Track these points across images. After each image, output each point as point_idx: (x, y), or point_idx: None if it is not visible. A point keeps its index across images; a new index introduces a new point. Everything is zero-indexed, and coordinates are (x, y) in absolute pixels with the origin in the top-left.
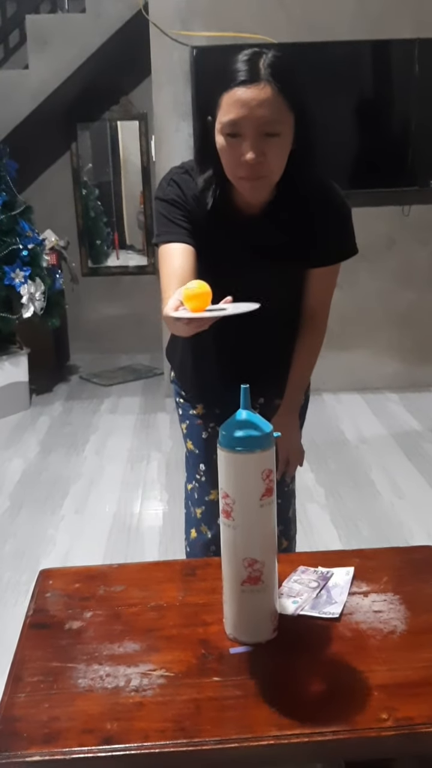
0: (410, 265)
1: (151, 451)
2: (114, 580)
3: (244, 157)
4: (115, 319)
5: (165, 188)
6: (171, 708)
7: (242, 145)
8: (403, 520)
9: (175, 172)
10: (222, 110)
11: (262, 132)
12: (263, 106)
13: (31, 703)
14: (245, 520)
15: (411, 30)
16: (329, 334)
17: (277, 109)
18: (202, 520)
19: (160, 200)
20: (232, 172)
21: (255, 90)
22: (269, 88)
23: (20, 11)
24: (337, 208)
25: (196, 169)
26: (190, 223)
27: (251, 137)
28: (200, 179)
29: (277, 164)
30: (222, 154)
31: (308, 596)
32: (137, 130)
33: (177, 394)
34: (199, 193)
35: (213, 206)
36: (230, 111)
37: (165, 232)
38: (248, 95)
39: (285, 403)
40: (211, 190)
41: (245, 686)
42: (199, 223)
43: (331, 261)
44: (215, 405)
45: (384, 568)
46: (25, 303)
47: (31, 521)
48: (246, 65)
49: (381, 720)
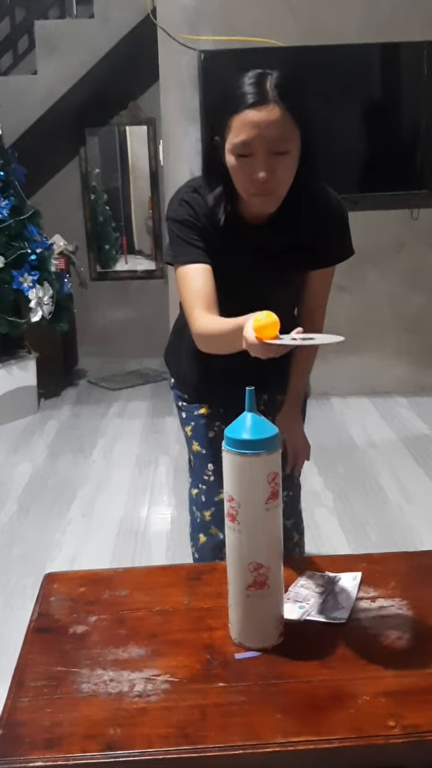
0: (419, 269)
1: (159, 456)
2: (119, 585)
3: (255, 176)
4: (124, 324)
5: (177, 209)
6: (175, 714)
7: (254, 164)
8: (412, 524)
9: (185, 192)
10: (232, 132)
11: (272, 151)
12: (273, 127)
13: (33, 708)
14: (251, 524)
15: (420, 33)
16: None
17: (285, 128)
18: (211, 522)
19: (173, 221)
20: (243, 189)
21: (264, 111)
22: (278, 109)
23: (29, 17)
24: (336, 212)
25: (205, 186)
26: (203, 240)
27: (262, 157)
28: (210, 196)
29: (286, 180)
30: (234, 173)
31: (315, 601)
32: (146, 135)
33: (178, 398)
34: (209, 210)
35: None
36: (241, 132)
37: (182, 252)
38: (258, 117)
39: (288, 399)
40: (221, 207)
41: (250, 692)
42: (211, 237)
43: (332, 263)
44: (220, 405)
45: (392, 573)
46: (33, 307)
47: (38, 525)
48: (254, 87)
49: (388, 727)
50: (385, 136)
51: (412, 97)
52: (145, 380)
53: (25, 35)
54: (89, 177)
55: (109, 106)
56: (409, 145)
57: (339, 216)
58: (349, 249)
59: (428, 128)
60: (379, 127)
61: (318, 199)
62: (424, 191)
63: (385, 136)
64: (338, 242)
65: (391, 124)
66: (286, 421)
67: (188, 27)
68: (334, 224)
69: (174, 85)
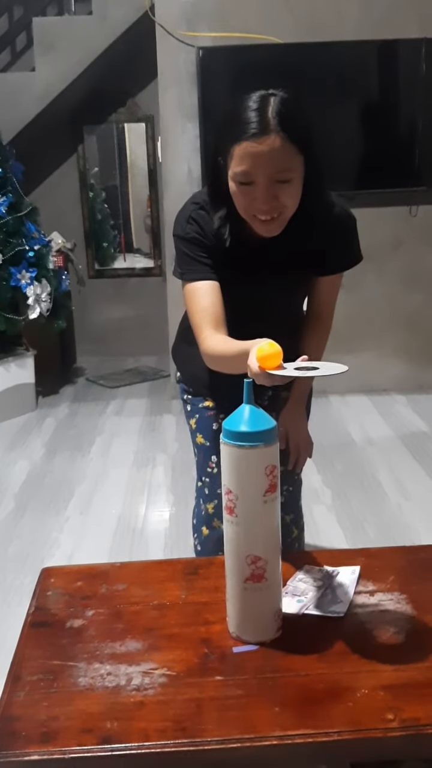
0: (417, 267)
1: (157, 454)
2: (116, 579)
3: (257, 204)
4: (121, 322)
5: (184, 226)
6: (172, 707)
7: (255, 192)
8: (409, 521)
9: (192, 210)
10: (234, 161)
11: (273, 180)
12: (274, 158)
13: (29, 702)
14: (248, 517)
15: (417, 30)
16: (336, 336)
17: (287, 157)
18: (214, 515)
19: (181, 238)
20: (245, 213)
21: (265, 143)
22: (279, 139)
23: (27, 14)
24: (344, 223)
25: (210, 207)
26: (211, 257)
27: (263, 186)
28: (215, 217)
29: (290, 205)
30: (235, 199)
31: (313, 595)
32: (144, 132)
33: (184, 391)
34: (215, 231)
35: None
36: (242, 163)
37: (190, 270)
38: (259, 149)
39: (293, 397)
40: (227, 228)
41: (248, 686)
42: (219, 253)
43: (340, 270)
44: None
45: (390, 567)
46: (31, 304)
47: (35, 523)
48: (255, 115)
49: (387, 720)
50: (383, 134)
51: (409, 94)
52: (142, 378)
53: (23, 32)
54: (87, 174)
55: (107, 103)
56: (406, 142)
57: (347, 226)
58: (358, 256)
59: (426, 125)
60: (377, 125)
61: (326, 214)
62: (422, 188)
63: (383, 134)
64: (346, 251)
65: (388, 121)
66: (290, 418)
67: (186, 24)
68: (342, 235)
69: (172, 82)
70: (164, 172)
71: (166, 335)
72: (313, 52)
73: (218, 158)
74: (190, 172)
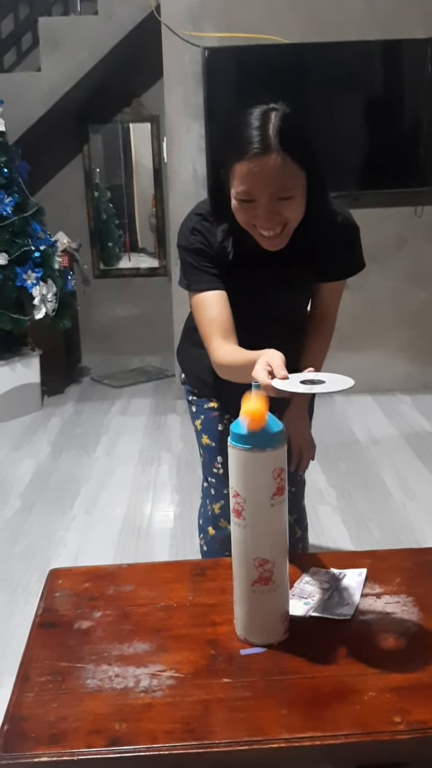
0: (422, 265)
1: (162, 453)
2: (123, 580)
3: (259, 220)
4: (126, 321)
5: (189, 237)
6: (180, 709)
7: (256, 210)
8: (414, 521)
9: (196, 221)
10: (235, 179)
11: (275, 197)
12: (275, 176)
13: (38, 703)
14: (256, 520)
15: (423, 30)
16: (340, 335)
17: (289, 175)
18: (221, 515)
19: (186, 249)
20: (248, 228)
21: (266, 162)
22: (280, 158)
23: (33, 14)
24: (347, 233)
25: (213, 219)
26: (216, 267)
27: (264, 204)
28: (218, 230)
29: (293, 220)
30: (237, 215)
31: (320, 597)
32: (149, 132)
33: (189, 393)
34: (218, 243)
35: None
36: (243, 182)
37: (196, 281)
38: (260, 168)
39: (296, 398)
40: (229, 242)
41: (255, 688)
42: (223, 263)
43: (342, 278)
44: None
45: (396, 569)
46: (36, 304)
47: (41, 522)
48: (257, 134)
49: (394, 723)
50: (388, 134)
51: (414, 94)
52: (147, 377)
53: (29, 32)
54: (92, 174)
55: (113, 103)
56: (412, 142)
57: (350, 236)
58: (360, 264)
59: (431, 125)
60: (382, 125)
61: (329, 224)
62: (428, 188)
63: (388, 134)
64: (348, 259)
65: (393, 121)
66: (293, 420)
67: (192, 23)
68: (345, 244)
69: (177, 82)
70: (169, 172)
71: (170, 335)
72: (319, 52)
73: (220, 172)
74: (195, 172)
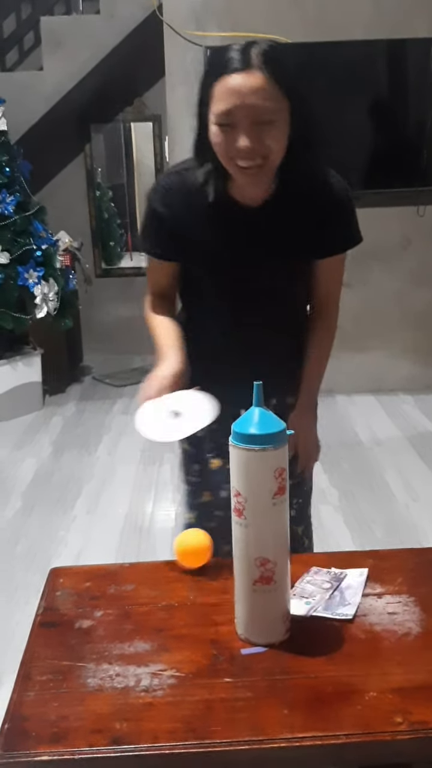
0: (426, 266)
1: (164, 452)
2: (124, 579)
3: (237, 145)
4: (128, 321)
5: (152, 196)
6: (181, 709)
7: (236, 133)
8: (417, 522)
9: (165, 174)
10: (214, 100)
11: (255, 120)
12: (255, 94)
13: (39, 702)
14: (257, 519)
15: (427, 29)
16: (343, 335)
17: (270, 96)
18: (196, 525)
19: (149, 207)
20: (227, 161)
21: (246, 77)
22: (261, 75)
23: (35, 13)
24: (339, 195)
25: (195, 162)
26: (172, 231)
27: (245, 126)
28: (199, 172)
29: (273, 150)
30: (215, 144)
31: (321, 597)
32: (151, 131)
33: None
34: (197, 188)
35: (213, 201)
36: (222, 100)
37: (151, 244)
38: (239, 83)
39: (301, 400)
40: (210, 184)
41: (257, 687)
42: (197, 220)
43: (337, 251)
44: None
45: (398, 569)
46: (38, 303)
47: (43, 521)
48: (238, 54)
49: (395, 723)
50: (392, 133)
51: (418, 93)
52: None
53: (31, 32)
54: (94, 173)
55: (115, 102)
56: (415, 142)
57: (342, 199)
58: (356, 236)
59: None
60: (385, 124)
61: (318, 181)
62: (430, 188)
63: (392, 133)
64: (343, 227)
65: (397, 120)
66: (300, 424)
67: (194, 23)
68: (337, 208)
69: (180, 82)
70: None
71: None
72: (322, 52)
73: (203, 108)
74: None
